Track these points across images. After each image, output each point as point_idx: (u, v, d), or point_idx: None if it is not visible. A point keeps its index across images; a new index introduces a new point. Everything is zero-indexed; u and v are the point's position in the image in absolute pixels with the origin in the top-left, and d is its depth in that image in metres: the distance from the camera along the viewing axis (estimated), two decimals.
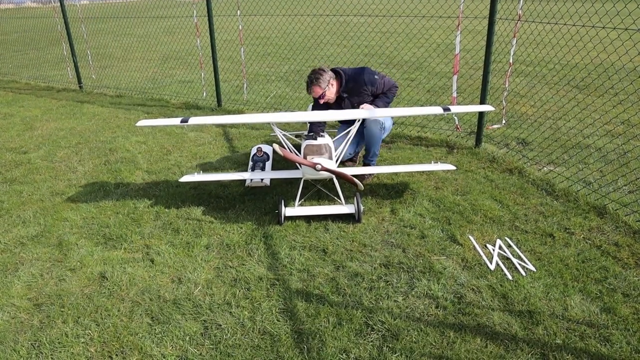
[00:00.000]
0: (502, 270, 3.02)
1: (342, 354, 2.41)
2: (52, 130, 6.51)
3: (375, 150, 4.38)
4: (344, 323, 2.61)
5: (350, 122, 4.26)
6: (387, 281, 2.96)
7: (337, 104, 4.29)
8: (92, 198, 4.28)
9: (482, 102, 5.00)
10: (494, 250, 3.25)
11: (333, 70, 4.22)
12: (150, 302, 2.85)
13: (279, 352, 2.44)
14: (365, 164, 4.50)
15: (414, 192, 4.15)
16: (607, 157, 4.70)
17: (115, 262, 3.27)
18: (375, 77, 4.22)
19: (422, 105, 6.79)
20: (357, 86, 4.19)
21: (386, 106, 4.33)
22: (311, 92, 4.15)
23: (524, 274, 2.99)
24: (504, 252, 3.23)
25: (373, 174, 4.44)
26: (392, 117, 4.54)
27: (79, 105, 7.97)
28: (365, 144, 4.42)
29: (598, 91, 7.11)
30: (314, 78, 4.07)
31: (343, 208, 3.69)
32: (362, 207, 3.65)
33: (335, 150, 3.73)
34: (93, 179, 4.73)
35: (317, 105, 4.29)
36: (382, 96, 4.29)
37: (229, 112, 7.05)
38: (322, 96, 4.13)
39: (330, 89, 4.14)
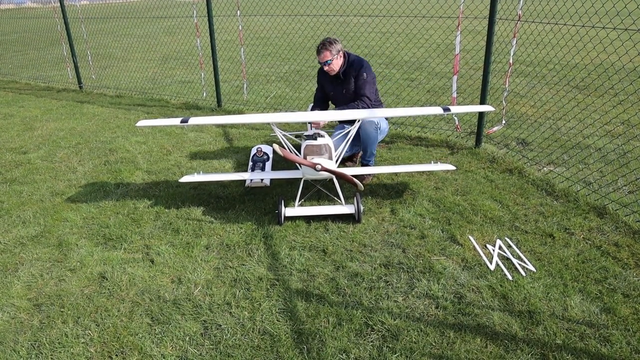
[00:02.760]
0: (502, 271, 3.02)
1: (342, 354, 2.41)
2: (52, 130, 6.51)
3: (372, 150, 4.40)
4: (344, 323, 2.61)
5: (347, 121, 4.40)
6: (387, 281, 2.96)
7: (334, 84, 4.46)
8: (92, 198, 4.28)
9: (482, 102, 5.00)
10: (493, 250, 3.25)
11: None
12: (150, 302, 2.85)
13: (279, 352, 2.44)
14: (363, 164, 4.51)
15: (414, 192, 4.15)
16: (607, 158, 4.69)
17: (115, 262, 3.27)
18: (365, 74, 4.32)
19: (422, 106, 6.79)
20: (351, 70, 4.35)
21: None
22: (320, 56, 4.31)
23: (524, 274, 2.99)
24: (504, 252, 3.23)
25: (373, 174, 4.44)
26: (390, 118, 4.57)
27: (79, 106, 7.97)
28: (361, 145, 4.44)
29: (598, 91, 7.11)
30: (327, 43, 4.28)
31: (343, 208, 3.69)
32: (362, 207, 3.65)
33: (335, 150, 3.74)
34: (93, 179, 4.73)
35: (321, 73, 4.52)
36: (360, 102, 4.33)
37: (229, 113, 7.05)
38: (328, 63, 4.28)
39: (337, 59, 4.32)
